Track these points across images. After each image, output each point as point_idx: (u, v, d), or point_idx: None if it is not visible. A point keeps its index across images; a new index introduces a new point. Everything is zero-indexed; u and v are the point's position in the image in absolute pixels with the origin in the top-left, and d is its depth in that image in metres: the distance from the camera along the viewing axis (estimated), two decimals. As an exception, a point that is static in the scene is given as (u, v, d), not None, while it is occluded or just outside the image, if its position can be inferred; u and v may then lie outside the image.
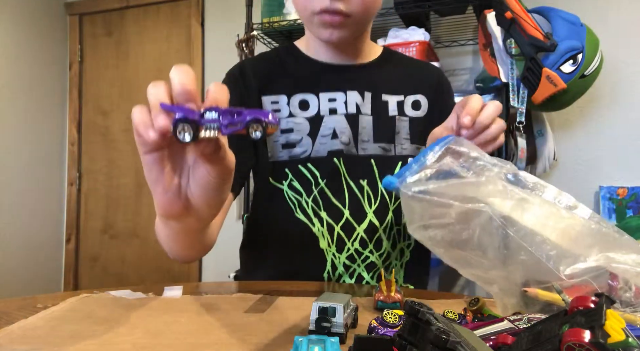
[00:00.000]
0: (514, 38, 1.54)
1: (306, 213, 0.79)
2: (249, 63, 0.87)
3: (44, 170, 2.89)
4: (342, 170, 0.80)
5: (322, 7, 0.72)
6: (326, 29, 0.76)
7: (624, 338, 0.28)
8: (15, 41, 2.70)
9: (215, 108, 0.38)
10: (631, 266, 0.40)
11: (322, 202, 0.79)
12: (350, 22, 0.75)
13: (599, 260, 0.41)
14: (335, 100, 0.81)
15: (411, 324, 0.30)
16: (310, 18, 0.76)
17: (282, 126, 0.80)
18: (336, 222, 0.79)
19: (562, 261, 0.41)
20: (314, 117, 0.80)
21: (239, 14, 2.21)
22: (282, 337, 0.46)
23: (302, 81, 0.82)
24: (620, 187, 1.90)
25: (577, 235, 0.43)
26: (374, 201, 0.80)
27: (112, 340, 0.45)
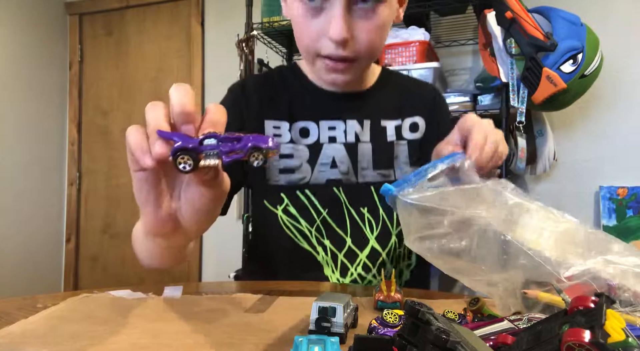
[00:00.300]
0: (514, 38, 1.54)
1: (310, 242, 0.79)
2: (251, 82, 0.86)
3: (44, 170, 2.89)
4: (342, 199, 0.80)
5: (326, 53, 0.69)
6: (329, 74, 0.73)
7: (624, 338, 0.28)
8: (15, 41, 2.70)
9: (214, 134, 0.37)
10: (629, 267, 0.40)
11: (325, 230, 0.79)
12: (355, 66, 0.73)
13: (598, 262, 0.41)
14: (335, 128, 0.81)
15: (411, 324, 0.30)
16: (312, 60, 0.73)
17: (282, 151, 0.80)
18: (339, 250, 0.79)
19: (562, 263, 0.41)
20: (314, 144, 0.80)
21: (239, 14, 2.21)
22: (282, 337, 0.46)
23: (304, 108, 0.82)
24: (620, 187, 1.90)
25: (575, 239, 0.44)
26: (376, 227, 0.80)
27: (112, 339, 0.45)
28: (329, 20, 0.66)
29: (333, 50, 0.68)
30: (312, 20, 0.69)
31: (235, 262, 2.12)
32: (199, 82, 2.70)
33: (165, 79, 2.79)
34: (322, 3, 0.67)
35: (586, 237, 0.44)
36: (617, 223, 1.87)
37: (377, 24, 0.69)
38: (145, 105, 0.43)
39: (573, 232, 0.44)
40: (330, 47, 0.68)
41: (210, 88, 2.69)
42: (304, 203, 0.79)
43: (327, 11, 0.67)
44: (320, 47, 0.70)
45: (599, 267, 0.41)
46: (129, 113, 2.85)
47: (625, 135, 1.94)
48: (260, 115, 0.81)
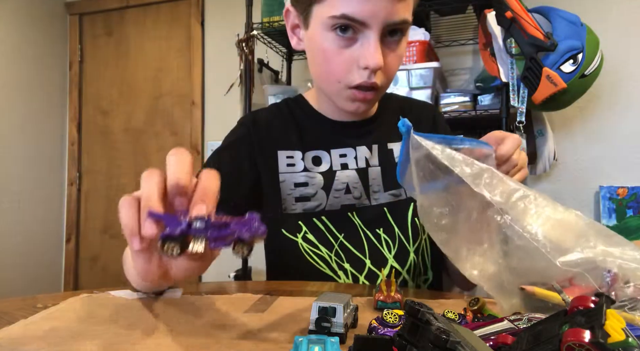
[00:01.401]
0: (514, 37, 1.53)
1: (331, 267, 0.80)
2: (262, 115, 0.89)
3: (44, 170, 2.89)
4: (357, 223, 0.82)
5: (358, 83, 0.72)
6: (354, 103, 0.76)
7: (624, 338, 0.28)
8: (16, 41, 2.70)
9: (202, 218, 0.39)
10: (626, 261, 0.40)
11: (344, 255, 0.81)
12: (376, 96, 0.77)
13: (596, 253, 0.41)
14: (346, 155, 0.84)
15: (411, 324, 0.30)
16: (340, 91, 0.75)
17: (296, 180, 0.82)
18: (359, 272, 0.80)
19: (559, 249, 0.41)
20: (327, 172, 0.83)
21: (239, 14, 2.21)
22: (282, 337, 0.46)
23: (315, 138, 0.85)
24: (620, 187, 1.90)
25: (574, 228, 0.43)
26: (393, 246, 0.82)
27: (112, 340, 0.45)
28: (364, 49, 0.69)
29: (365, 78, 0.71)
30: (344, 51, 0.71)
31: (235, 262, 2.12)
32: (199, 82, 2.70)
33: (165, 79, 2.79)
34: (354, 34, 0.70)
35: (586, 227, 0.43)
36: (617, 223, 1.87)
37: (399, 55, 0.74)
38: (145, 105, 0.43)
39: (573, 221, 0.44)
40: (363, 75, 0.71)
41: (210, 88, 2.69)
42: (321, 229, 0.81)
43: (360, 42, 0.70)
44: (352, 77, 0.72)
45: (597, 257, 0.41)
46: (129, 113, 2.85)
47: (625, 135, 1.94)
48: (273, 146, 0.84)
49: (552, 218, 0.43)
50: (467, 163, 0.47)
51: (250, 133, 0.85)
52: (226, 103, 2.40)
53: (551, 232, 0.42)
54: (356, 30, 0.70)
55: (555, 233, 0.42)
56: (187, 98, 2.73)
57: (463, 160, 0.47)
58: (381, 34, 0.69)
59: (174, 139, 2.77)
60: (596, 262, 0.40)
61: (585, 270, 0.40)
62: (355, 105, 0.76)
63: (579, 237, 0.42)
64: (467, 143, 0.53)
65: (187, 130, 2.73)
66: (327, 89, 0.79)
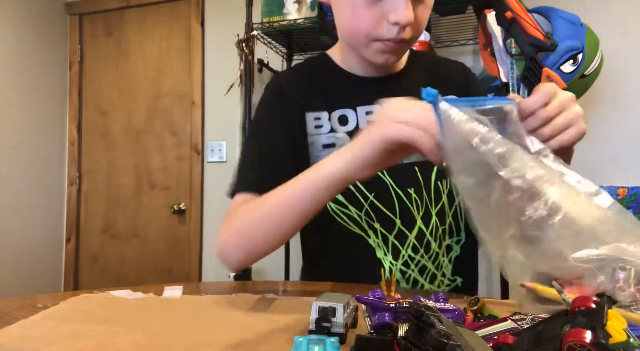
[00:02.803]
0: (514, 38, 1.53)
1: (360, 226, 0.81)
2: (285, 79, 0.90)
3: (44, 170, 2.89)
4: (389, 182, 0.82)
5: (389, 37, 0.73)
6: (383, 55, 0.77)
7: (625, 339, 0.28)
8: (16, 41, 2.70)
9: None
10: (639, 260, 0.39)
11: (375, 214, 0.81)
12: (405, 48, 0.78)
13: (610, 249, 0.40)
14: (373, 113, 0.83)
15: (416, 326, 0.30)
16: (368, 44, 0.76)
17: (323, 141, 0.82)
18: (389, 232, 0.81)
19: (572, 244, 0.40)
20: (354, 131, 0.82)
21: (239, 14, 2.20)
22: (282, 337, 0.46)
23: (340, 97, 0.84)
24: (620, 187, 1.90)
25: (592, 221, 0.42)
26: (421, 207, 0.82)
27: (112, 340, 0.45)
28: (394, 4, 0.70)
29: (394, 33, 0.72)
30: (374, 5, 0.72)
31: (235, 262, 2.12)
32: (199, 82, 2.70)
33: (165, 79, 2.79)
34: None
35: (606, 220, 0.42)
36: (617, 223, 1.86)
37: (428, 5, 0.76)
38: (145, 105, 0.44)
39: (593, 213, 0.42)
40: (392, 30, 0.72)
41: (210, 88, 2.69)
42: (350, 189, 0.81)
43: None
44: (381, 32, 0.73)
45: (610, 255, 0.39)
46: (129, 113, 2.85)
47: (625, 135, 1.94)
48: (300, 109, 0.84)
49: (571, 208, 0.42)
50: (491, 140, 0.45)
51: (279, 101, 0.85)
52: (226, 103, 2.40)
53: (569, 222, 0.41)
54: None
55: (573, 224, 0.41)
56: (187, 98, 2.72)
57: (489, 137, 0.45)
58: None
59: (174, 139, 2.77)
60: (608, 260, 0.39)
61: (596, 267, 0.39)
62: (384, 56, 0.77)
63: (595, 231, 0.41)
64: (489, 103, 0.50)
65: (187, 130, 2.73)
66: (355, 43, 0.79)
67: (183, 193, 2.74)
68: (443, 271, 0.83)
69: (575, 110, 0.57)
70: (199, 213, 2.69)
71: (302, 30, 2.02)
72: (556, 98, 0.56)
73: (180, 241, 2.74)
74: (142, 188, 2.83)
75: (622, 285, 0.39)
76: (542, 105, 0.55)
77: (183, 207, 2.73)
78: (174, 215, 2.75)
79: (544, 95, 0.56)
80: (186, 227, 2.73)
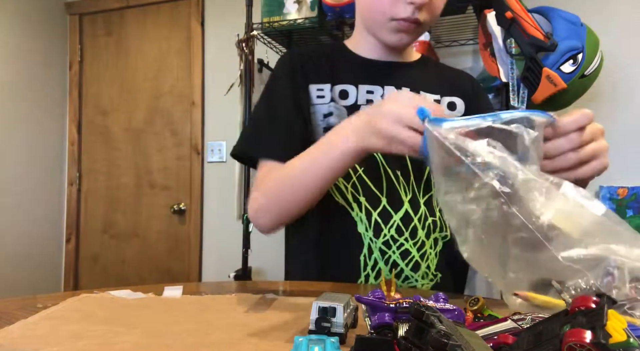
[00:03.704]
0: (514, 38, 1.53)
1: (345, 197, 0.82)
2: (297, 54, 0.92)
3: (44, 170, 2.89)
4: (379, 159, 0.83)
5: (404, 17, 0.77)
6: (397, 34, 0.80)
7: (625, 339, 0.28)
8: (16, 41, 2.70)
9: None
10: (631, 260, 0.39)
11: (362, 188, 0.82)
12: (419, 30, 0.82)
13: (600, 250, 0.40)
14: (373, 92, 0.85)
15: (416, 326, 0.30)
16: (384, 23, 0.80)
17: (324, 111, 0.84)
18: (374, 208, 0.82)
19: (562, 244, 0.40)
20: (352, 106, 0.84)
21: (239, 14, 2.20)
22: (282, 337, 0.46)
23: (344, 73, 0.87)
24: (620, 187, 1.90)
25: (581, 222, 0.42)
26: (408, 191, 0.83)
27: (112, 340, 0.45)
28: None
29: (410, 13, 0.76)
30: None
31: (235, 261, 2.12)
32: (199, 82, 2.70)
33: (165, 79, 2.79)
34: None
35: (595, 222, 0.42)
36: (617, 223, 1.86)
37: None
38: (145, 105, 0.44)
39: (582, 215, 0.42)
40: (407, 10, 0.76)
41: (210, 88, 2.69)
42: None
43: None
44: (397, 10, 0.77)
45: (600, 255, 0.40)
46: (129, 113, 2.85)
47: (625, 135, 1.94)
48: (306, 81, 0.86)
49: (560, 211, 0.42)
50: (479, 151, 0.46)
51: (289, 72, 0.87)
52: (226, 104, 2.40)
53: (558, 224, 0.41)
54: None
55: (562, 226, 0.41)
56: (187, 98, 2.73)
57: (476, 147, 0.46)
58: None
59: (174, 139, 2.77)
60: (598, 260, 0.40)
61: (585, 267, 0.40)
62: (398, 36, 0.80)
63: (585, 232, 0.41)
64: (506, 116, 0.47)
65: (187, 130, 2.73)
66: (371, 21, 0.83)
67: (183, 193, 2.74)
68: (429, 263, 0.83)
69: (604, 143, 0.56)
70: (199, 213, 2.69)
71: (302, 30, 2.02)
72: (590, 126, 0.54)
73: (180, 241, 2.74)
74: (142, 188, 2.83)
75: (617, 283, 0.39)
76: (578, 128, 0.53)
77: (183, 207, 2.73)
78: (174, 215, 2.75)
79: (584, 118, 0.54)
80: (186, 227, 2.73)
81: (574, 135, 0.53)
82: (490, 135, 0.47)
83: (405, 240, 0.81)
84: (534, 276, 0.43)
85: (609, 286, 0.39)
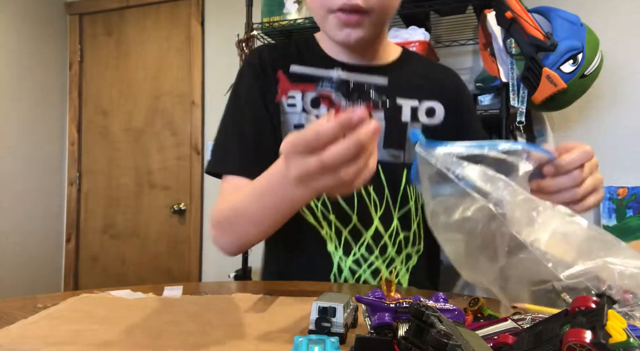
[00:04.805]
0: (514, 38, 1.53)
1: (315, 216, 0.79)
2: (267, 53, 0.85)
3: (44, 170, 2.89)
4: None
5: (339, 5, 0.68)
6: (342, 30, 0.72)
7: (625, 339, 0.28)
8: (15, 41, 2.70)
9: None
10: (626, 268, 0.40)
11: (331, 206, 0.79)
12: (368, 22, 0.72)
13: (597, 263, 0.41)
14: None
15: (416, 326, 0.30)
16: (325, 17, 0.73)
17: (295, 121, 0.79)
18: (344, 226, 0.79)
19: (562, 263, 0.41)
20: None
21: (239, 14, 2.20)
22: (282, 337, 0.46)
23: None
24: (620, 187, 1.90)
25: (577, 240, 0.43)
26: (380, 207, 0.80)
27: (112, 339, 0.45)
28: None
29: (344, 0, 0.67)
30: None
31: (235, 262, 2.12)
32: (199, 82, 2.70)
33: (165, 79, 2.79)
34: None
35: (589, 238, 0.43)
36: (617, 223, 1.86)
37: None
38: (145, 105, 0.44)
39: (577, 233, 0.44)
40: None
41: (210, 88, 2.69)
42: None
43: None
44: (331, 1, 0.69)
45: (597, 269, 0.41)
46: (129, 113, 2.85)
47: (625, 135, 1.94)
48: (275, 85, 0.81)
49: (557, 231, 0.43)
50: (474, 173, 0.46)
51: (257, 74, 0.82)
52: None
53: (556, 246, 0.42)
54: None
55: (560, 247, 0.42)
56: (187, 98, 2.72)
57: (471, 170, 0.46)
58: None
59: (174, 139, 2.77)
60: (596, 272, 0.40)
61: (586, 279, 0.41)
62: (344, 32, 0.71)
63: (581, 250, 0.42)
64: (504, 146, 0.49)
65: (187, 130, 2.73)
66: (318, 21, 0.76)
67: (183, 193, 2.74)
68: (399, 280, 0.80)
69: (599, 176, 0.56)
70: (199, 213, 2.69)
71: (302, 30, 2.02)
72: (584, 157, 0.54)
73: (180, 241, 2.74)
74: (142, 188, 2.83)
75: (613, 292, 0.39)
76: (580, 166, 0.54)
77: (183, 207, 2.73)
78: (174, 215, 2.75)
79: (586, 156, 0.54)
80: (186, 227, 2.73)
81: (576, 172, 0.54)
82: (483, 161, 0.48)
83: (375, 258, 0.79)
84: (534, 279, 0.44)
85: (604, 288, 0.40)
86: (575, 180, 0.54)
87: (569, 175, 0.54)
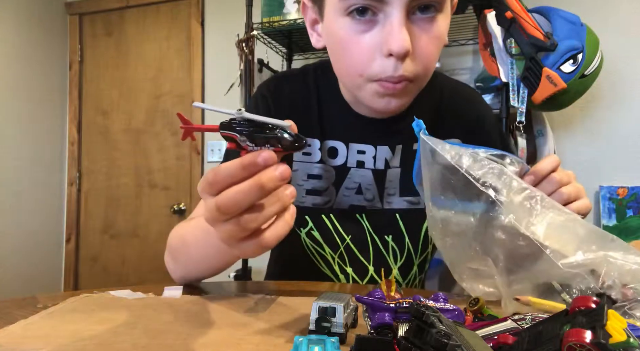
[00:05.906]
0: (514, 38, 1.53)
1: (332, 269, 0.77)
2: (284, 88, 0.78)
3: (44, 170, 2.89)
4: (365, 226, 0.77)
5: (385, 76, 0.60)
6: (382, 98, 0.63)
7: (625, 339, 0.28)
8: (15, 41, 2.70)
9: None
10: (627, 263, 0.40)
11: (348, 258, 0.77)
12: (411, 88, 0.63)
13: (598, 256, 0.41)
14: (365, 153, 0.75)
15: (416, 326, 0.30)
16: (362, 85, 0.63)
17: (310, 171, 0.75)
18: (361, 278, 0.77)
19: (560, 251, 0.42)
20: (341, 166, 0.75)
21: (239, 14, 2.20)
22: (282, 337, 0.46)
23: (335, 127, 0.76)
24: (620, 187, 1.90)
25: (576, 231, 0.44)
26: (400, 257, 0.77)
27: (112, 339, 0.45)
28: (386, 31, 0.58)
29: (391, 70, 0.59)
30: (363, 36, 0.60)
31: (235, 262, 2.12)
32: (199, 82, 2.70)
33: (165, 79, 2.79)
34: (374, 16, 0.59)
35: (588, 232, 0.44)
36: (617, 223, 1.86)
37: (436, 36, 0.61)
38: (145, 105, 0.43)
39: (576, 225, 0.44)
40: (388, 66, 0.59)
41: (210, 88, 2.69)
42: (328, 227, 0.76)
43: (382, 24, 0.59)
44: (375, 69, 0.60)
45: (597, 259, 0.41)
46: (129, 113, 2.85)
47: (625, 135, 1.94)
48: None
49: (556, 220, 0.43)
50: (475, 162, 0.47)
51: (270, 109, 0.76)
52: (226, 104, 2.40)
53: (554, 234, 0.42)
54: (375, 11, 0.58)
55: (558, 235, 0.42)
56: (187, 98, 2.72)
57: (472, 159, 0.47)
58: (408, 10, 0.57)
59: (174, 139, 2.77)
60: (596, 264, 0.40)
61: (584, 271, 0.41)
62: (384, 101, 0.63)
63: (581, 241, 0.42)
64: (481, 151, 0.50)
65: (187, 130, 2.73)
66: (350, 86, 0.67)
67: (183, 193, 2.74)
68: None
69: (579, 185, 0.58)
70: (199, 213, 2.69)
71: (302, 30, 2.02)
72: (560, 170, 0.57)
73: (180, 241, 2.74)
74: (142, 188, 2.83)
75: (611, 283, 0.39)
76: (552, 170, 0.56)
77: (183, 207, 2.73)
78: (174, 215, 2.75)
79: (554, 161, 0.56)
80: (186, 227, 2.72)
81: (553, 174, 0.56)
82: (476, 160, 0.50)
83: None
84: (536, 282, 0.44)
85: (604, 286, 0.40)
86: (554, 184, 0.56)
87: (548, 180, 0.56)
